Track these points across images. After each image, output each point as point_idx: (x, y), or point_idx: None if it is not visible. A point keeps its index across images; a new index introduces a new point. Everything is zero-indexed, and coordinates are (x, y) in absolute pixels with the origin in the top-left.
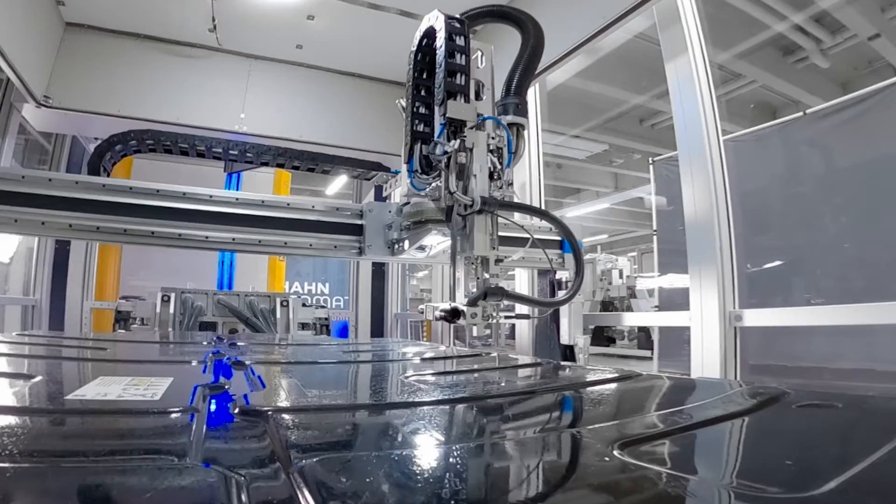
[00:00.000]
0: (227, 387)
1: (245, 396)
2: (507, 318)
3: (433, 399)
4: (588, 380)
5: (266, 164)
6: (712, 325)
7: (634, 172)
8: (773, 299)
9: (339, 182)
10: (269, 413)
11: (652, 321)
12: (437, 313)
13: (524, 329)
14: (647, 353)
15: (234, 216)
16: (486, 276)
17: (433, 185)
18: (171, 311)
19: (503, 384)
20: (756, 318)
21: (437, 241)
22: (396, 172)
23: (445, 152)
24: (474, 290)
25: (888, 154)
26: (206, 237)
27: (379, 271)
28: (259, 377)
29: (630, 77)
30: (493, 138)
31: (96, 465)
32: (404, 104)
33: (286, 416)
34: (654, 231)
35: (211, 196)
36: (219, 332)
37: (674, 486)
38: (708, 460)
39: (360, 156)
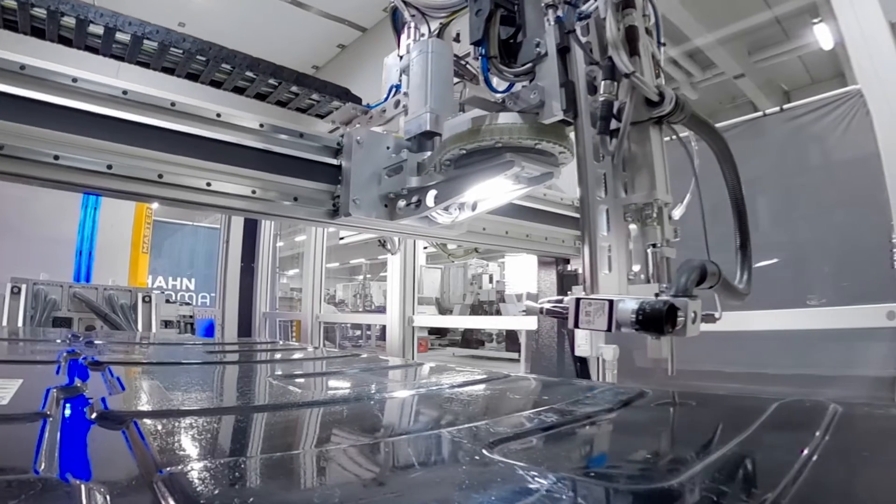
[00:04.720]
0: (83, 389)
1: (103, 400)
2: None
3: (301, 402)
4: (459, 381)
5: (170, 71)
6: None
7: None
8: None
9: None
10: (130, 418)
11: (522, 325)
12: (628, 316)
13: (395, 330)
14: (514, 355)
15: (117, 125)
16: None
17: (519, 86)
18: (22, 304)
19: (375, 386)
20: None
21: (510, 190)
22: (370, 107)
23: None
24: (636, 268)
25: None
26: (56, 158)
27: (248, 268)
28: (118, 379)
29: None
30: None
31: None
32: None
33: (148, 421)
34: None
35: (75, 80)
36: (74, 329)
37: (543, 481)
38: (574, 456)
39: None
